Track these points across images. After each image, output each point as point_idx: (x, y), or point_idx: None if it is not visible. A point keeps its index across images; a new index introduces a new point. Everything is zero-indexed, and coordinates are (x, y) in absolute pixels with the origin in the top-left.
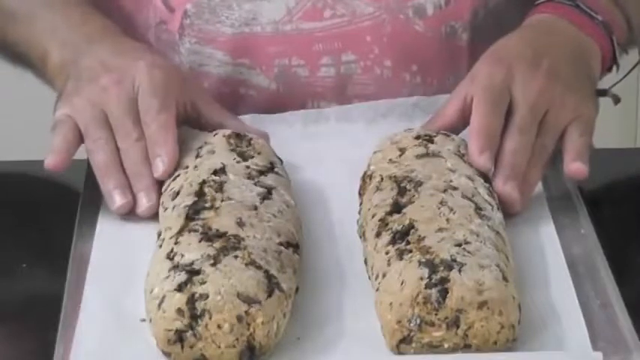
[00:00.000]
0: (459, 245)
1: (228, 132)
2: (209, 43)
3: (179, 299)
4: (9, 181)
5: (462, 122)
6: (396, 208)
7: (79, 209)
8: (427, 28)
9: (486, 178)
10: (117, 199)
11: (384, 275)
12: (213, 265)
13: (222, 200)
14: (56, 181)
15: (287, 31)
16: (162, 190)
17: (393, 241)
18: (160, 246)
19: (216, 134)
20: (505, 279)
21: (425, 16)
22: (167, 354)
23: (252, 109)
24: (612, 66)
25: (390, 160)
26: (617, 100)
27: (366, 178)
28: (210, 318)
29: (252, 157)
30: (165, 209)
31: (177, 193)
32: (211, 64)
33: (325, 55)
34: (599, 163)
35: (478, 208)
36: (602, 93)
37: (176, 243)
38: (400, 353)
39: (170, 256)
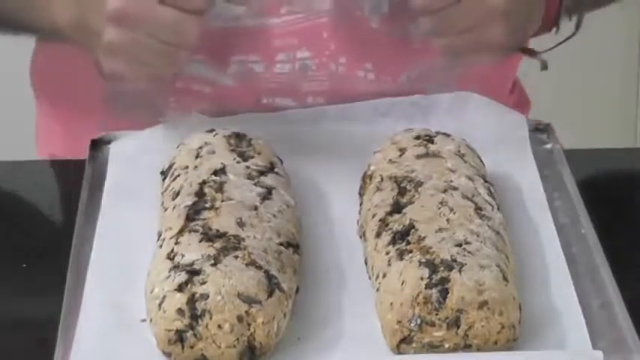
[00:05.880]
0: (460, 245)
1: (228, 132)
2: None
3: (179, 299)
4: (9, 181)
5: None
6: (397, 208)
7: (79, 209)
8: (383, 25)
9: (486, 178)
10: None
11: (384, 275)
12: (214, 265)
13: (222, 200)
14: (56, 181)
15: (244, 27)
16: (162, 190)
17: (393, 241)
18: (160, 246)
19: (216, 134)
20: (505, 279)
21: (380, 13)
22: (167, 354)
23: (205, 105)
24: (552, 27)
25: (390, 160)
26: (544, 66)
27: (366, 178)
28: (210, 318)
29: (252, 157)
30: (166, 209)
31: (178, 194)
32: None
33: (281, 51)
34: (599, 163)
35: (478, 208)
36: (531, 52)
37: (176, 243)
38: (400, 353)
39: (170, 257)
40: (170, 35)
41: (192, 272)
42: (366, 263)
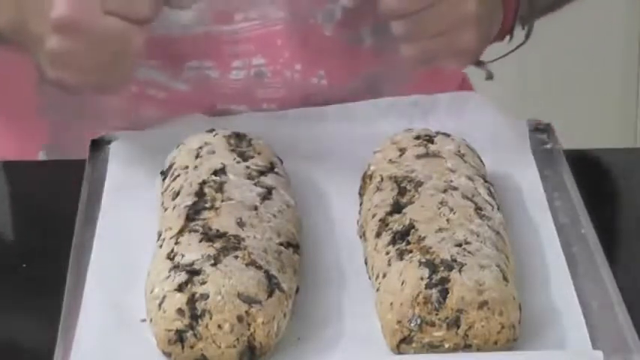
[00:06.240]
0: (460, 245)
1: (228, 132)
2: None
3: (179, 299)
4: (9, 181)
5: None
6: (397, 208)
7: (79, 209)
8: (335, 32)
9: (486, 178)
10: None
11: (384, 275)
12: (214, 265)
13: (222, 200)
14: (56, 181)
15: (198, 33)
16: (162, 190)
17: (393, 241)
18: (160, 246)
19: (216, 134)
20: (505, 279)
21: (333, 21)
22: (167, 354)
23: (160, 111)
24: (505, 36)
25: (390, 160)
26: (489, 75)
27: (366, 178)
28: (210, 318)
29: (252, 157)
30: (166, 209)
31: (178, 194)
32: None
33: (236, 58)
34: (599, 163)
35: (478, 208)
36: (478, 63)
37: (176, 243)
38: (400, 353)
39: (170, 256)
40: (115, 45)
41: (192, 272)
42: (366, 263)
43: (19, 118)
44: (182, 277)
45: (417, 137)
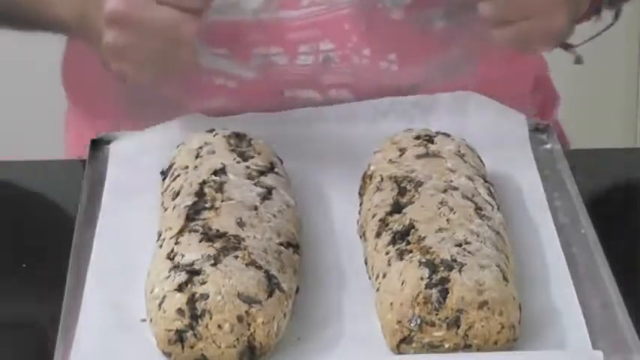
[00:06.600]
0: (460, 245)
1: (228, 132)
2: None
3: (179, 299)
4: (9, 181)
5: None
6: (397, 208)
7: (79, 209)
8: (405, 16)
9: (486, 178)
10: None
11: (384, 275)
12: (214, 265)
13: (222, 200)
14: (56, 181)
15: (265, 19)
16: (162, 190)
17: (393, 241)
18: (161, 246)
19: (216, 134)
20: (505, 279)
21: (403, 4)
22: (167, 354)
23: (228, 99)
24: (592, 16)
25: (390, 160)
26: (578, 60)
27: (366, 178)
28: (210, 318)
29: (252, 157)
30: (166, 209)
31: (178, 194)
32: None
33: (303, 43)
34: (599, 163)
35: (478, 208)
36: (567, 47)
37: (176, 243)
38: (400, 353)
39: (170, 256)
40: (168, 35)
41: (192, 272)
42: (366, 263)
43: (95, 108)
44: (182, 277)
45: (417, 137)
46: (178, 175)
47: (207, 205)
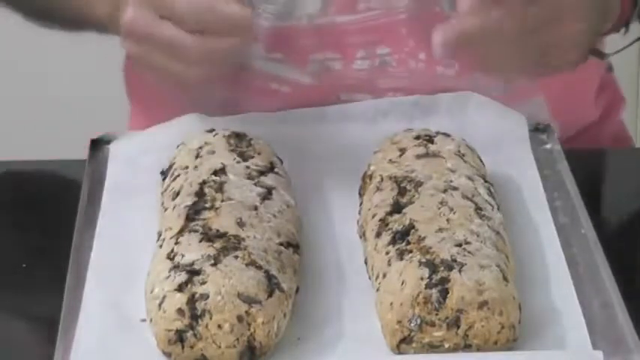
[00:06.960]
0: (460, 245)
1: (228, 132)
2: None
3: (179, 299)
4: (9, 181)
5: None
6: (397, 208)
7: (79, 209)
8: None
9: (486, 178)
10: None
11: (384, 275)
12: (214, 265)
13: (222, 200)
14: (56, 181)
15: (322, 24)
16: (162, 190)
17: (393, 241)
18: (160, 246)
19: (216, 134)
20: (505, 279)
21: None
22: (167, 354)
23: (284, 104)
24: (621, 28)
25: (390, 160)
26: (609, 68)
27: (366, 178)
28: (210, 318)
29: (252, 157)
30: (166, 209)
31: (178, 194)
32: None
33: (360, 48)
34: (599, 163)
35: (478, 208)
36: (600, 54)
37: (176, 243)
38: (400, 353)
39: (170, 256)
40: (173, 52)
41: (192, 272)
42: (366, 263)
43: (157, 110)
44: (182, 277)
45: (417, 137)
46: (178, 175)
47: (207, 205)
